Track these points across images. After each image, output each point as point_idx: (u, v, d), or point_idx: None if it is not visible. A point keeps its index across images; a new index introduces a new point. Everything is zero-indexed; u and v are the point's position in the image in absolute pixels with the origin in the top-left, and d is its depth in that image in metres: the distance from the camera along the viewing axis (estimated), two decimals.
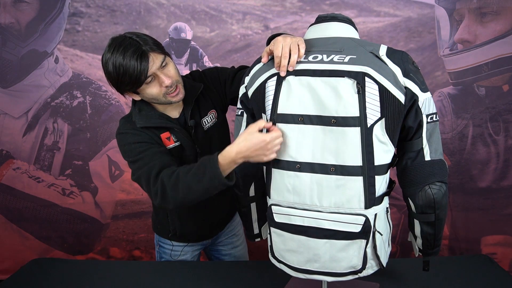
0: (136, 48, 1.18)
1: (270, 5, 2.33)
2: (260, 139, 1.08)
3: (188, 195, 1.17)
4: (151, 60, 1.20)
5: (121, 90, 1.26)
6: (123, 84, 1.22)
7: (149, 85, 1.24)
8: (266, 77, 1.12)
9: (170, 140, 1.34)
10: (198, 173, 1.15)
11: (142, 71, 1.19)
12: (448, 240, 2.38)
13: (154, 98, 1.28)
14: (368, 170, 1.03)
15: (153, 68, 1.21)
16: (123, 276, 1.49)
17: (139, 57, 1.18)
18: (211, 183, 1.13)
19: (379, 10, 2.30)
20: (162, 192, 1.19)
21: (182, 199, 1.18)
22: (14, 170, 2.40)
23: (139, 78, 1.20)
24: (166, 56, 1.26)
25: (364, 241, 1.07)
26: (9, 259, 2.46)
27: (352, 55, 1.05)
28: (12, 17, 2.27)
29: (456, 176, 2.32)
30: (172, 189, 1.17)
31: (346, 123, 1.02)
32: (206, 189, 1.15)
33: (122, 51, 1.19)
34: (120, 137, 1.33)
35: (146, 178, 1.22)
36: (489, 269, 1.46)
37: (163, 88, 1.25)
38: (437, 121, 1.10)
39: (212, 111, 1.44)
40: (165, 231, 1.55)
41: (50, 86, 2.35)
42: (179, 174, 1.17)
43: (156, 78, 1.24)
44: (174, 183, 1.16)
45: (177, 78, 1.27)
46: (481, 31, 2.20)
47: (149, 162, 1.24)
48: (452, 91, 2.28)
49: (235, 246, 1.69)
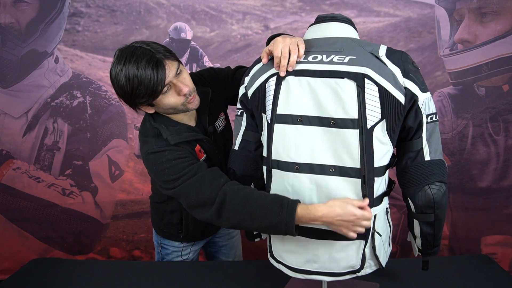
0: (150, 57, 1.11)
1: (270, 5, 2.33)
2: (352, 212, 1.00)
3: (246, 222, 1.08)
4: (167, 68, 1.13)
5: (135, 103, 1.17)
6: (138, 97, 1.13)
7: (165, 95, 1.16)
8: (266, 77, 1.12)
9: (201, 152, 1.28)
10: (271, 207, 1.05)
11: (159, 81, 1.11)
12: (448, 240, 2.38)
13: (172, 108, 1.20)
14: (367, 172, 1.03)
15: (170, 77, 1.14)
16: (123, 276, 1.49)
17: (154, 66, 1.10)
18: (278, 226, 1.05)
19: (379, 10, 2.30)
20: (219, 206, 1.09)
21: (237, 222, 1.10)
22: (14, 170, 2.40)
23: (156, 89, 1.12)
24: (180, 63, 1.19)
25: (363, 241, 1.07)
26: (9, 259, 2.46)
27: (352, 56, 1.05)
28: (12, 17, 2.27)
29: (456, 176, 2.32)
30: (233, 208, 1.08)
31: (345, 125, 1.02)
32: (268, 227, 1.07)
33: (135, 61, 1.10)
34: (155, 156, 1.20)
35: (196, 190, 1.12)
36: (489, 269, 1.46)
37: (182, 98, 1.18)
38: (437, 121, 1.10)
39: (222, 114, 1.42)
40: (175, 234, 1.52)
41: (50, 86, 2.35)
42: (248, 197, 1.08)
43: (173, 87, 1.16)
44: (239, 203, 1.07)
45: (192, 85, 1.21)
46: (481, 31, 2.20)
47: (198, 172, 1.15)
48: (452, 91, 2.28)
49: (231, 237, 1.69)
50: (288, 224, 1.03)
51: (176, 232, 1.51)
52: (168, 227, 1.53)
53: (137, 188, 2.40)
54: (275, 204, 1.05)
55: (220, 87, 1.43)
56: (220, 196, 1.09)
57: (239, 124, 1.23)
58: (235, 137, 1.25)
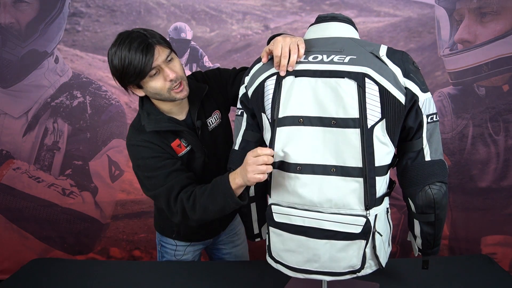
0: (142, 40, 1.19)
1: (270, 5, 2.33)
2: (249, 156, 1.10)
3: (205, 215, 1.23)
4: (157, 52, 1.20)
5: (125, 82, 1.25)
6: (127, 75, 1.21)
7: (153, 78, 1.23)
8: (265, 77, 1.12)
9: (181, 147, 1.34)
10: (212, 194, 1.19)
11: (147, 62, 1.18)
12: (448, 240, 2.38)
13: (158, 93, 1.26)
14: (368, 171, 1.03)
15: (159, 61, 1.20)
16: (123, 276, 1.49)
17: (144, 48, 1.18)
18: (225, 202, 1.18)
19: (379, 10, 2.30)
20: (182, 212, 1.25)
21: (199, 218, 1.24)
22: (14, 170, 2.40)
23: (143, 70, 1.19)
24: (172, 52, 1.25)
25: (364, 241, 1.07)
26: (9, 259, 2.46)
27: (352, 56, 1.05)
28: (12, 17, 2.27)
29: (456, 176, 2.32)
30: (191, 210, 1.23)
31: (346, 124, 1.02)
32: (222, 209, 1.20)
33: (128, 43, 1.19)
34: (133, 150, 1.32)
35: (166, 199, 1.27)
36: (489, 269, 1.45)
37: (168, 83, 1.23)
38: (437, 121, 1.10)
39: (216, 112, 1.44)
40: (169, 230, 1.56)
41: (50, 86, 2.35)
42: (196, 196, 1.22)
43: (161, 71, 1.23)
44: (192, 204, 1.22)
45: (182, 74, 1.27)
46: (481, 31, 2.20)
47: (166, 181, 1.26)
48: (452, 91, 2.28)
49: (235, 245, 1.69)
50: (230, 197, 1.16)
51: (171, 229, 1.54)
52: (164, 223, 1.56)
53: (137, 188, 2.40)
54: (213, 189, 1.19)
55: (221, 86, 1.45)
56: (178, 205, 1.24)
57: (239, 124, 1.23)
58: (235, 137, 1.25)
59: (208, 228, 1.56)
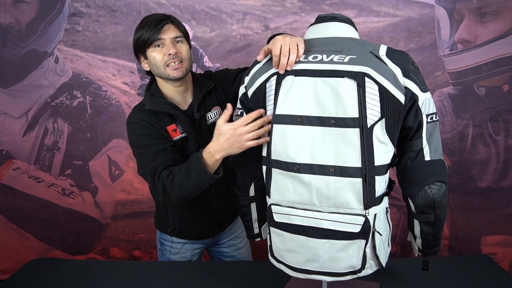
0: (162, 15, 1.35)
1: (270, 5, 2.33)
2: (228, 129, 1.16)
3: (182, 191, 1.27)
4: (167, 27, 1.33)
5: (136, 49, 1.38)
6: (138, 41, 1.35)
7: (156, 49, 1.34)
8: (267, 77, 1.12)
9: (176, 131, 1.41)
10: (187, 170, 1.24)
11: (155, 32, 1.31)
12: (448, 240, 2.38)
13: (156, 65, 1.35)
14: (368, 171, 1.03)
15: (166, 35, 1.32)
16: (123, 276, 1.49)
17: (159, 21, 1.32)
18: (198, 178, 1.23)
19: (379, 10, 2.30)
20: (163, 190, 1.30)
21: (178, 195, 1.29)
22: (14, 170, 2.40)
23: (150, 37, 1.32)
24: (184, 37, 1.37)
25: (364, 241, 1.07)
26: (9, 259, 2.46)
27: (352, 55, 1.05)
28: (12, 17, 2.27)
29: (456, 176, 2.32)
30: (170, 187, 1.27)
31: (346, 124, 1.02)
32: (196, 184, 1.24)
33: (152, 15, 1.36)
34: (129, 126, 1.41)
35: (151, 176, 1.32)
36: (489, 269, 1.45)
37: (166, 57, 1.33)
38: (437, 121, 1.10)
39: (217, 108, 1.48)
40: (166, 226, 1.58)
41: (50, 86, 2.35)
42: (174, 173, 1.27)
43: (165, 46, 1.33)
44: (171, 181, 1.27)
45: (184, 56, 1.36)
46: (481, 31, 2.20)
47: (154, 159, 1.32)
48: (452, 91, 2.28)
49: (238, 248, 1.69)
50: (203, 172, 1.21)
51: (167, 224, 1.56)
52: (162, 218, 1.58)
53: (137, 188, 2.40)
54: (188, 166, 1.24)
55: (225, 86, 1.50)
56: (160, 183, 1.30)
57: None
58: None
59: (203, 226, 1.57)
